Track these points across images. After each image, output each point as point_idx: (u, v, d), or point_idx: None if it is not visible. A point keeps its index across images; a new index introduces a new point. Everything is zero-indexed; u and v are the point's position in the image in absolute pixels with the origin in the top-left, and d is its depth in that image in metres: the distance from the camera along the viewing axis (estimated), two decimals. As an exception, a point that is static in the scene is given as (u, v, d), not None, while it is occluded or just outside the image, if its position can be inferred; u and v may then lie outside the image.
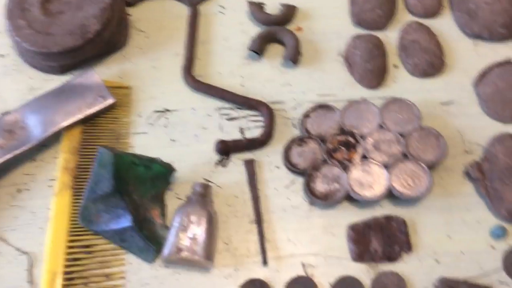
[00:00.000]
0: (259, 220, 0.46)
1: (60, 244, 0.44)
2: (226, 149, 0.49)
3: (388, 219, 0.46)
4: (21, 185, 0.47)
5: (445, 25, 0.56)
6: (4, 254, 0.44)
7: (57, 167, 0.47)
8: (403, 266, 0.44)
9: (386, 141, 0.48)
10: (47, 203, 0.46)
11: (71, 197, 0.46)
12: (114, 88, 0.51)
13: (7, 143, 0.47)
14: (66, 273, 0.43)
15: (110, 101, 0.50)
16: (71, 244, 0.44)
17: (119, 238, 0.45)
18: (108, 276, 0.44)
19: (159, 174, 0.47)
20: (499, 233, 0.45)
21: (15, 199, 0.47)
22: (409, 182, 0.46)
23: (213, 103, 0.52)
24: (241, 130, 0.51)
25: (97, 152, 0.44)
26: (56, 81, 0.52)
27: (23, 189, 0.47)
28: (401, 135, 0.48)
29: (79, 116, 0.49)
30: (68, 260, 0.44)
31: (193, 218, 0.44)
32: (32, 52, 0.50)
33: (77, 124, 0.49)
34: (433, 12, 0.55)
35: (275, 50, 0.55)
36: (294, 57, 0.53)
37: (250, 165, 0.49)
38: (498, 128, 0.50)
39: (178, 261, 0.44)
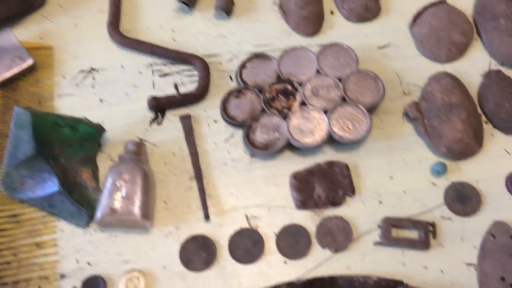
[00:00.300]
0: (198, 176, 0.44)
1: (-17, 217, 0.41)
2: (159, 105, 0.46)
3: (330, 164, 0.45)
4: None
5: (378, -31, 0.55)
6: None
7: (-26, 136, 0.44)
8: (347, 210, 0.43)
9: (324, 87, 0.46)
10: (-35, 175, 0.43)
11: (-8, 166, 0.43)
12: (34, 49, 0.47)
13: None
14: (-8, 246, 0.40)
15: (29, 62, 0.45)
16: (-5, 215, 0.41)
17: (48, 205, 0.41)
18: (39, 245, 0.41)
19: (87, 135, 0.43)
20: (439, 170, 0.44)
21: None
22: (349, 125, 0.45)
23: (143, 60, 0.48)
24: (175, 86, 0.48)
25: (13, 112, 0.40)
26: (-32, 44, 0.48)
27: None
28: (339, 79, 0.47)
29: (-5, 79, 0.45)
30: (-7, 232, 0.40)
31: (126, 177, 0.41)
32: None
33: (-6, 88, 0.45)
34: (367, -44, 0.54)
35: (207, 1, 0.52)
36: (227, 8, 0.50)
37: (186, 121, 0.46)
38: (435, 68, 0.49)
39: (114, 223, 0.41)
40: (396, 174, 0.45)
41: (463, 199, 0.44)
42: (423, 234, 0.42)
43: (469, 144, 0.45)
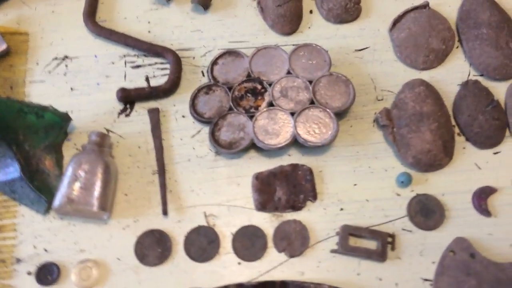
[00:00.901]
0: (161, 170, 0.43)
1: None
2: (127, 97, 0.45)
3: (294, 167, 0.43)
4: None
5: (363, -31, 0.53)
6: None
7: None
8: (307, 215, 0.42)
9: (294, 88, 0.44)
10: None
11: (-42, 148, 0.43)
12: (9, 34, 0.46)
13: None
14: (-47, 227, 0.40)
15: (3, 47, 0.45)
16: (-41, 197, 0.41)
17: (9, 190, 0.41)
18: (-1, 229, 0.41)
19: (53, 123, 0.42)
20: (404, 180, 0.42)
21: None
22: (315, 129, 0.43)
23: (117, 50, 0.47)
24: (147, 78, 0.46)
25: (-24, 97, 0.40)
26: None
27: None
28: (310, 81, 0.45)
29: (-32, 62, 0.44)
30: (-45, 213, 0.40)
31: (86, 167, 0.40)
32: None
33: (-34, 71, 0.45)
34: (353, -45, 0.52)
35: (186, -5, 0.51)
36: (204, 2, 0.48)
37: (154, 114, 0.45)
38: (412, 74, 0.47)
39: (71, 212, 0.40)
40: (361, 182, 0.43)
41: (427, 212, 0.42)
42: (381, 245, 0.40)
43: (437, 155, 0.42)
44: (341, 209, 0.42)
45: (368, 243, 0.41)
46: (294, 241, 0.41)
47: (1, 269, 0.39)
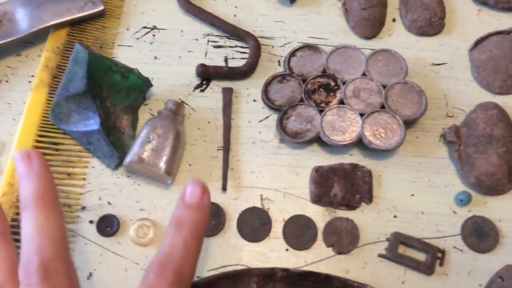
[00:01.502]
0: (226, 147, 0.43)
1: (29, 137, 0.42)
2: (206, 73, 0.45)
3: (354, 167, 0.42)
4: (2, 76, 0.45)
5: (452, -14, 0.51)
6: (-26, 138, 0.43)
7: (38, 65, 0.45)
8: (360, 215, 0.41)
9: (366, 90, 0.44)
10: (24, 97, 0.44)
11: (46, 94, 0.44)
12: (107, -2, 0.48)
13: (-8, 31, 0.45)
14: (30, 166, 0.42)
15: (99, 8, 0.46)
16: (40, 138, 0.42)
17: (86, 141, 0.42)
18: (70, 175, 0.42)
19: (135, 86, 0.43)
20: (463, 199, 0.41)
21: (-6, 88, 0.45)
22: (381, 133, 0.42)
23: (202, 28, 0.48)
24: (226, 59, 0.47)
25: (74, 48, 0.41)
26: (52, -18, 0.50)
27: (3, 80, 0.45)
28: (384, 86, 0.44)
29: (67, 17, 0.45)
30: (34, 154, 0.42)
31: (159, 131, 0.41)
32: None
33: (64, 26, 0.46)
34: (443, -28, 0.51)
35: (275, -14, 0.51)
36: (291, -5, 0.49)
37: (227, 93, 0.45)
38: (486, 97, 0.45)
39: (139, 171, 0.41)
40: (418, 193, 0.42)
41: (480, 235, 0.40)
42: (430, 259, 0.39)
43: (500, 180, 0.41)
44: (395, 216, 0.41)
45: (417, 255, 0.40)
46: (343, 238, 0.40)
47: (66, 214, 0.40)
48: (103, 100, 0.42)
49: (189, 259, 0.29)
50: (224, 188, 0.42)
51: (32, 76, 0.45)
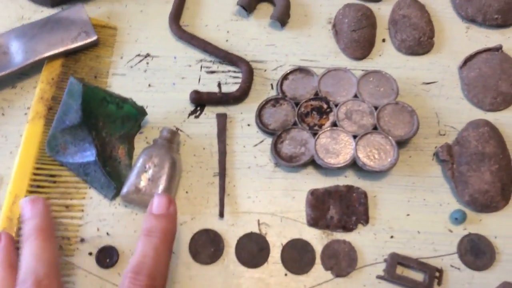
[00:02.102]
0: (222, 173, 0.43)
1: (26, 170, 0.41)
2: (200, 99, 0.45)
3: (349, 188, 0.42)
4: (-2, 109, 0.45)
5: (440, 5, 0.50)
6: (-29, 173, 0.42)
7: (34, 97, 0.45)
8: (357, 237, 0.41)
9: (359, 112, 0.44)
10: (20, 129, 0.43)
11: (43, 126, 0.43)
12: (100, 27, 0.47)
13: (-14, 66, 0.44)
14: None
15: (93, 38, 0.46)
16: (37, 171, 0.41)
17: (83, 172, 0.42)
18: (68, 207, 0.41)
19: (130, 115, 0.43)
20: (458, 217, 0.41)
21: (-10, 122, 0.44)
22: (375, 154, 0.42)
23: (195, 54, 0.47)
24: (219, 84, 0.46)
25: (68, 81, 0.41)
26: (46, 13, 0.48)
27: (-1, 113, 0.45)
28: (375, 107, 0.44)
29: (61, 48, 0.45)
30: (32, 186, 0.41)
31: (155, 160, 0.41)
32: (22, -20, 0.47)
33: (58, 57, 0.45)
34: (431, -10, 0.50)
35: (265, 10, 0.50)
36: (282, 19, 0.48)
37: (221, 119, 0.45)
38: (477, 114, 0.45)
39: (136, 201, 0.41)
40: (414, 213, 0.41)
41: (477, 252, 0.40)
42: (428, 279, 0.39)
43: (494, 197, 0.40)
44: (391, 237, 0.41)
45: (415, 275, 0.39)
46: (341, 261, 0.40)
47: (66, 246, 0.40)
48: (98, 131, 0.42)
49: (161, 264, 0.32)
50: (221, 215, 0.41)
51: (28, 108, 0.44)
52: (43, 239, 0.33)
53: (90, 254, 0.40)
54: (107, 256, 0.40)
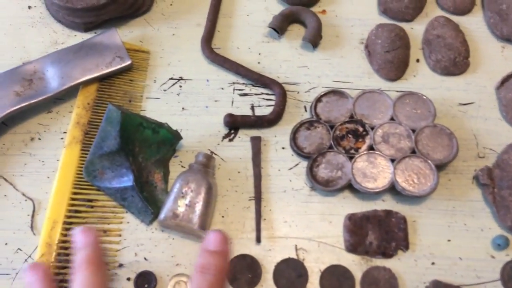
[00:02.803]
0: (258, 198, 0.42)
1: (64, 195, 0.41)
2: (234, 123, 0.44)
3: (388, 214, 0.41)
4: (34, 134, 0.45)
5: (474, 24, 0.49)
6: (10, 198, 0.42)
7: (70, 121, 0.45)
8: (397, 263, 0.40)
9: (396, 135, 0.43)
10: (57, 154, 0.44)
11: (79, 151, 0.43)
12: (133, 51, 0.47)
13: (24, 91, 0.44)
14: (66, 223, 0.40)
15: (127, 62, 0.46)
16: (75, 196, 0.41)
17: (120, 197, 0.41)
18: (106, 232, 0.41)
19: (165, 140, 0.43)
20: (500, 243, 0.39)
21: (27, 146, 0.44)
22: (414, 179, 0.41)
23: (227, 77, 0.47)
24: (252, 107, 0.46)
25: (107, 109, 0.41)
26: (79, 38, 0.49)
27: (36, 138, 0.44)
28: (413, 130, 0.43)
29: (96, 73, 0.45)
30: (69, 211, 0.41)
31: (192, 186, 0.40)
32: (58, 6, 0.47)
33: (93, 81, 0.45)
34: (464, 9, 0.49)
35: (297, 31, 0.50)
36: (314, 40, 0.47)
37: (256, 142, 0.44)
38: (516, 136, 0.44)
39: (173, 226, 0.40)
40: (455, 238, 0.40)
41: (522, 280, 0.39)
42: (472, 306, 0.38)
43: (540, 224, 0.39)
44: (433, 263, 0.40)
45: (458, 302, 0.38)
46: None
47: (104, 271, 0.40)
48: (135, 156, 0.42)
49: None
50: (258, 240, 0.41)
51: (64, 132, 0.45)
52: (94, 268, 0.34)
53: (129, 279, 0.39)
54: (145, 282, 0.39)
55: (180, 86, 0.47)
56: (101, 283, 0.34)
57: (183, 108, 0.46)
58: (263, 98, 0.47)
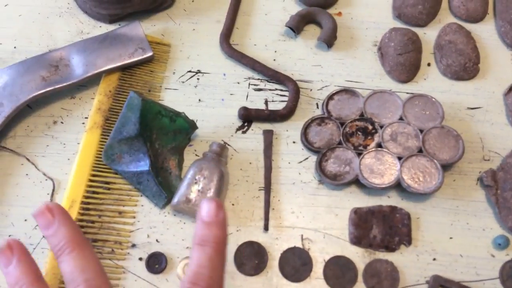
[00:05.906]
0: (267, 188, 0.45)
1: (83, 176, 0.44)
2: (248, 116, 0.47)
3: (393, 209, 0.43)
4: (57, 117, 0.48)
5: (485, 32, 0.52)
6: (32, 177, 0.45)
7: (92, 107, 0.48)
8: (400, 257, 0.42)
9: (404, 134, 0.45)
10: (78, 137, 0.47)
11: (99, 136, 0.46)
12: (155, 44, 0.51)
13: (50, 76, 0.47)
14: (84, 203, 0.43)
15: (148, 54, 0.49)
16: (93, 178, 0.44)
17: (136, 180, 0.44)
18: (120, 213, 0.44)
19: (181, 129, 0.46)
20: (501, 243, 0.41)
21: (50, 129, 0.47)
22: (419, 177, 0.43)
23: (243, 72, 0.50)
24: (266, 101, 0.49)
25: (128, 95, 0.44)
26: (103, 29, 0.52)
27: (58, 121, 0.48)
28: (421, 130, 0.45)
29: (119, 63, 0.48)
30: (87, 192, 0.44)
31: (205, 173, 0.43)
32: (86, -3, 0.50)
33: (115, 70, 0.49)
34: (476, 17, 0.51)
35: (312, 31, 0.53)
36: (329, 40, 0.50)
37: (268, 135, 0.47)
38: (522, 141, 0.46)
39: (185, 210, 0.43)
40: (457, 236, 0.42)
41: (521, 279, 0.41)
42: (470, 302, 0.40)
43: (540, 226, 0.41)
44: (434, 259, 0.42)
45: (457, 298, 0.40)
46: (383, 280, 0.41)
47: (118, 251, 0.42)
48: (152, 143, 0.45)
49: (216, 274, 0.32)
50: (266, 228, 0.43)
51: (86, 117, 0.48)
52: (81, 249, 0.31)
53: (140, 259, 0.42)
54: (156, 262, 0.42)
55: (198, 78, 0.50)
56: (95, 263, 0.31)
57: (199, 100, 0.49)
58: (277, 94, 0.49)
